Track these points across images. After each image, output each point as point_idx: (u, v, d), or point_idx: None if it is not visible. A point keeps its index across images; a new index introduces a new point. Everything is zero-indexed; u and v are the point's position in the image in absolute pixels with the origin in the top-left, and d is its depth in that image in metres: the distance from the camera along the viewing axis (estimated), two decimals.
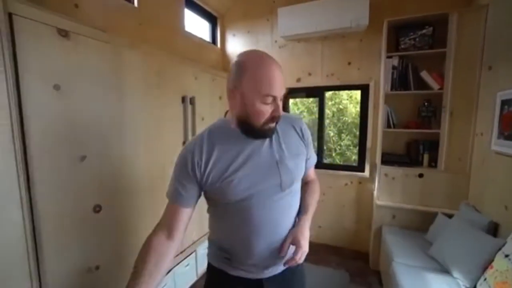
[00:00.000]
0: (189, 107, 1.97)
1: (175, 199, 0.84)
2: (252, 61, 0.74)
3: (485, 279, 1.38)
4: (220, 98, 2.43)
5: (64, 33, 1.16)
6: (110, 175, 1.39)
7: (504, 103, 1.54)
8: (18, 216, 1.02)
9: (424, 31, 2.16)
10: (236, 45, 3.06)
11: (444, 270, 1.62)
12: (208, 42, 2.95)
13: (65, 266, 1.20)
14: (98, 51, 1.30)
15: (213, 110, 2.33)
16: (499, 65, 1.70)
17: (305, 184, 0.99)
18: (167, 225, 0.84)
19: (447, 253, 1.65)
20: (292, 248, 0.81)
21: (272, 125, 0.79)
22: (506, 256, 1.29)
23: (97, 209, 1.32)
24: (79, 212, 1.25)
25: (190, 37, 2.60)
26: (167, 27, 2.27)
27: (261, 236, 0.81)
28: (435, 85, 2.12)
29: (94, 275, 1.32)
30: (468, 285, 1.45)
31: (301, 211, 0.91)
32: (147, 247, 0.79)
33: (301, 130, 0.91)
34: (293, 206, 0.88)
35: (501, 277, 1.26)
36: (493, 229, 1.61)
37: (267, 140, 0.83)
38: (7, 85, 0.97)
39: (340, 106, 3.65)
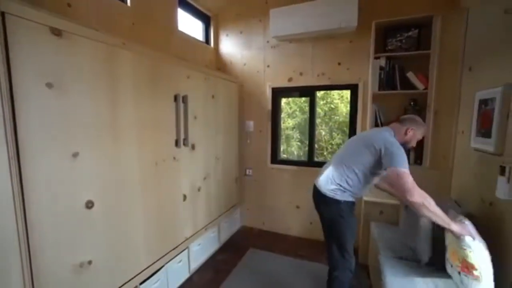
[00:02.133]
0: (182, 105, 2.00)
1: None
2: (422, 122, 1.61)
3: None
4: (213, 97, 2.47)
5: (57, 32, 1.18)
6: (103, 171, 1.42)
7: (481, 102, 1.62)
8: (11, 212, 1.05)
9: (410, 33, 2.24)
10: (229, 45, 3.10)
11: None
12: (202, 42, 2.98)
13: (57, 260, 1.22)
14: (92, 50, 1.33)
15: (206, 109, 2.36)
16: (478, 66, 1.78)
17: None
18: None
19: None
20: None
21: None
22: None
23: (89, 205, 1.35)
24: (72, 208, 1.27)
25: (184, 36, 2.63)
26: (160, 26, 2.29)
27: None
28: (420, 86, 2.20)
29: (87, 269, 1.35)
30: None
31: None
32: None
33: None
34: None
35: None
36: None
37: None
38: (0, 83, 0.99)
39: (332, 106, 3.72)
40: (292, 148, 3.92)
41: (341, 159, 1.63)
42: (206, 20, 3.04)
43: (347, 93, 2.71)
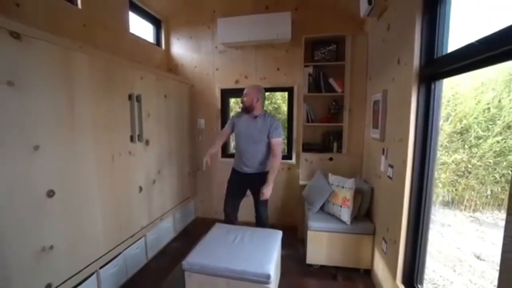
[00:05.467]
0: (136, 104, 2.17)
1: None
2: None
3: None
4: (165, 96, 2.66)
5: (16, 35, 1.30)
6: (63, 163, 1.54)
7: (374, 103, 2.22)
8: None
9: (330, 47, 2.80)
10: (180, 48, 3.30)
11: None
12: (153, 44, 3.12)
13: (20, 244, 1.33)
14: (50, 52, 1.45)
15: (159, 107, 2.55)
16: (373, 76, 2.40)
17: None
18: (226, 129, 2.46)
19: None
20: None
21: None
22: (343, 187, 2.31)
23: (50, 193, 1.47)
24: (34, 196, 1.39)
25: (135, 38, 2.75)
26: (112, 28, 2.40)
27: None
28: (339, 89, 2.77)
29: (48, 253, 1.47)
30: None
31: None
32: None
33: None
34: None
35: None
36: (371, 193, 2.28)
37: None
38: None
39: (275, 105, 4.21)
40: None
41: None
42: (157, 23, 3.18)
43: (286, 94, 3.18)
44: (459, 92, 2.83)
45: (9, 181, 1.27)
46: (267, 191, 2.14)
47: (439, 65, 1.37)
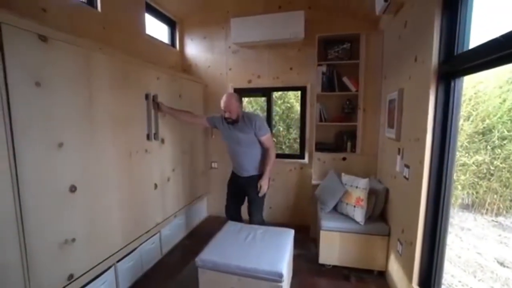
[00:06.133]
0: (152, 103, 2.23)
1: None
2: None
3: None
4: (180, 96, 2.72)
5: (43, 38, 1.37)
6: (84, 160, 1.61)
7: (389, 102, 2.17)
8: (9, 194, 1.22)
9: (344, 45, 2.76)
10: (194, 49, 3.36)
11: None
12: (168, 45, 3.19)
13: (45, 237, 1.40)
14: (72, 53, 1.52)
15: (174, 107, 2.60)
16: (388, 75, 2.34)
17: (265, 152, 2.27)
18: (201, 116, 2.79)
19: None
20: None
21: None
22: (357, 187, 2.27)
23: (73, 189, 1.54)
24: (57, 191, 1.46)
25: (151, 39, 2.82)
26: (129, 30, 2.48)
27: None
28: (353, 88, 2.73)
29: (71, 246, 1.54)
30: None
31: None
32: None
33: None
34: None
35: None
36: (386, 193, 2.24)
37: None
38: None
39: (288, 105, 4.20)
40: None
41: None
42: (172, 24, 3.25)
43: (299, 94, 3.17)
44: (481, 90, 2.71)
45: (36, 176, 1.34)
46: (264, 184, 2.21)
47: (460, 62, 1.33)
